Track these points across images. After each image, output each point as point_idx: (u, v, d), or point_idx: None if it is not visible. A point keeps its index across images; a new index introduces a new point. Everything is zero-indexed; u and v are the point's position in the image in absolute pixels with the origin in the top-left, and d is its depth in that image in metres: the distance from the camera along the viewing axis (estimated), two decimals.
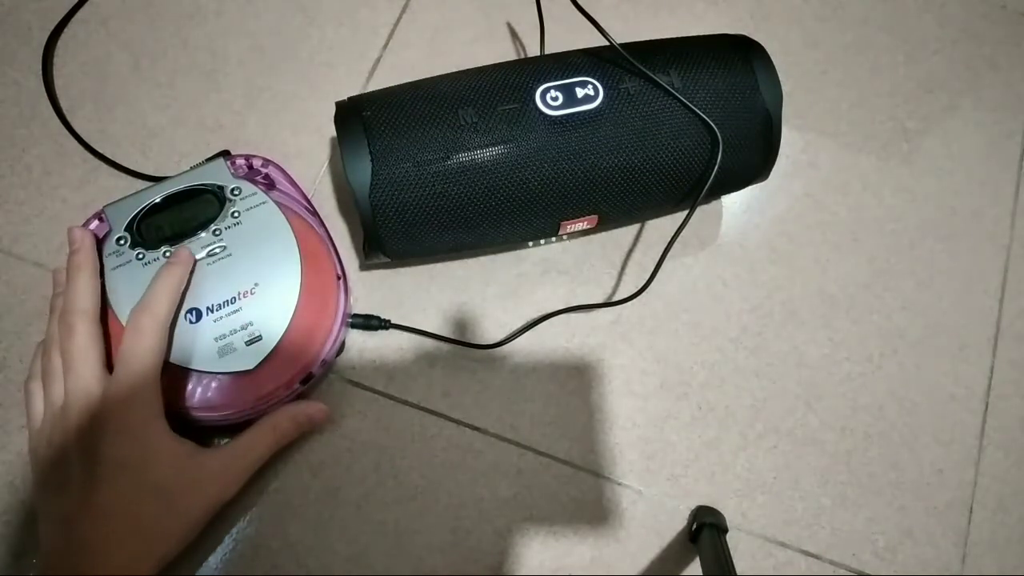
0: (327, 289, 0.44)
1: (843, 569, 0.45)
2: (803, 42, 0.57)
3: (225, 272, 0.43)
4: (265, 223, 0.44)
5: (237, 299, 0.42)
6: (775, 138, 0.44)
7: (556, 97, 0.41)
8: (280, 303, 0.42)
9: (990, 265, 0.52)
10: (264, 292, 0.42)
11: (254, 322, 0.42)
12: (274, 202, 0.44)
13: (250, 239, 0.43)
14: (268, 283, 0.43)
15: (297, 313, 0.42)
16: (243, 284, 0.42)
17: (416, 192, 0.40)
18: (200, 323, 0.41)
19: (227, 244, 0.43)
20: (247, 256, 0.43)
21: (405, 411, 0.46)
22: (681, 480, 0.46)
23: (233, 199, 0.44)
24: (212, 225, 0.43)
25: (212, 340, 0.41)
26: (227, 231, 0.43)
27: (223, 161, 0.46)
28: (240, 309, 0.42)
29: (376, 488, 0.44)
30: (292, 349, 0.42)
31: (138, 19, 0.54)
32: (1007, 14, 0.58)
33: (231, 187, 0.45)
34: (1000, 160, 0.54)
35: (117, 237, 0.43)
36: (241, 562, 0.42)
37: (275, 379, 0.42)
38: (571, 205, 0.43)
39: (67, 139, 0.50)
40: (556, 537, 0.44)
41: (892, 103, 0.56)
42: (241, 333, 0.41)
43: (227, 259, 0.43)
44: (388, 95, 0.42)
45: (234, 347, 0.41)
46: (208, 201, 0.44)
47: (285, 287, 0.43)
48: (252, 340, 0.41)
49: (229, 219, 0.44)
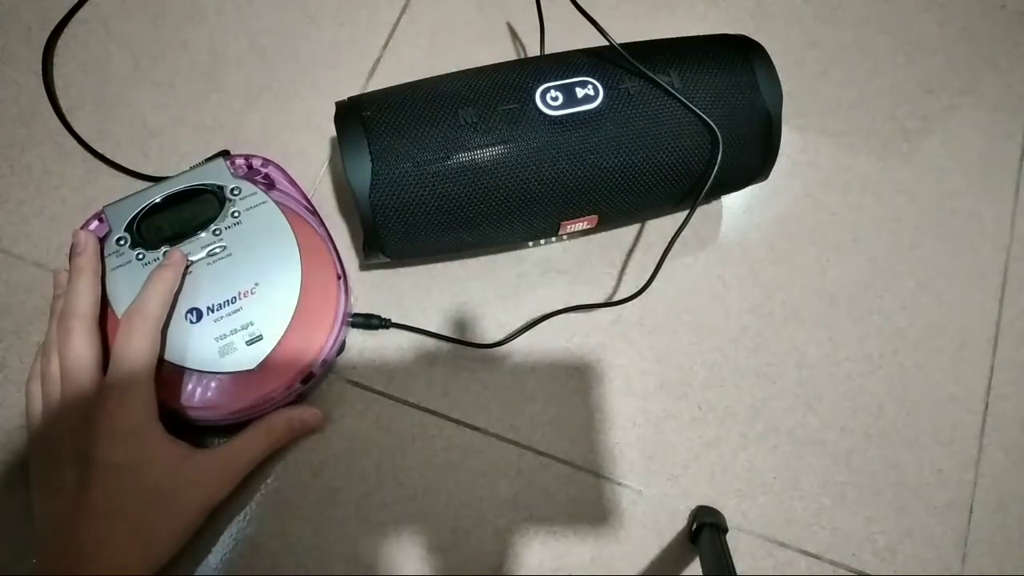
0: (327, 288, 0.44)
1: (843, 569, 0.45)
2: (803, 42, 0.57)
3: (225, 272, 0.43)
4: (265, 223, 0.44)
5: (237, 299, 0.42)
6: (775, 138, 0.44)
7: (556, 97, 0.41)
8: (281, 303, 0.42)
9: (990, 265, 0.52)
10: (264, 292, 0.42)
11: (255, 322, 0.42)
12: (274, 202, 0.44)
13: (250, 239, 0.44)
14: (268, 283, 0.43)
15: (297, 313, 0.42)
16: (243, 284, 0.43)
17: (416, 192, 0.40)
18: (200, 323, 0.42)
19: (227, 244, 0.43)
20: (247, 256, 0.43)
21: (405, 411, 0.46)
22: (681, 480, 0.46)
23: (233, 199, 0.44)
24: (212, 225, 0.44)
25: (213, 340, 0.41)
26: (227, 231, 0.44)
27: (223, 161, 0.46)
28: (241, 309, 0.42)
29: (376, 488, 0.44)
30: (293, 349, 0.42)
31: (138, 19, 0.54)
32: (1007, 14, 0.58)
33: (231, 187, 0.45)
34: (1000, 160, 0.54)
35: (117, 237, 0.43)
36: (241, 562, 0.42)
37: (276, 379, 0.42)
38: (571, 205, 0.43)
39: (67, 139, 0.50)
40: (556, 537, 0.44)
41: (892, 103, 0.56)
42: (242, 333, 0.42)
43: (227, 259, 0.43)
44: (388, 95, 0.42)
45: (235, 347, 0.41)
46: (208, 201, 0.44)
47: (285, 287, 0.43)
48: (253, 340, 0.41)
49: (229, 219, 0.44)
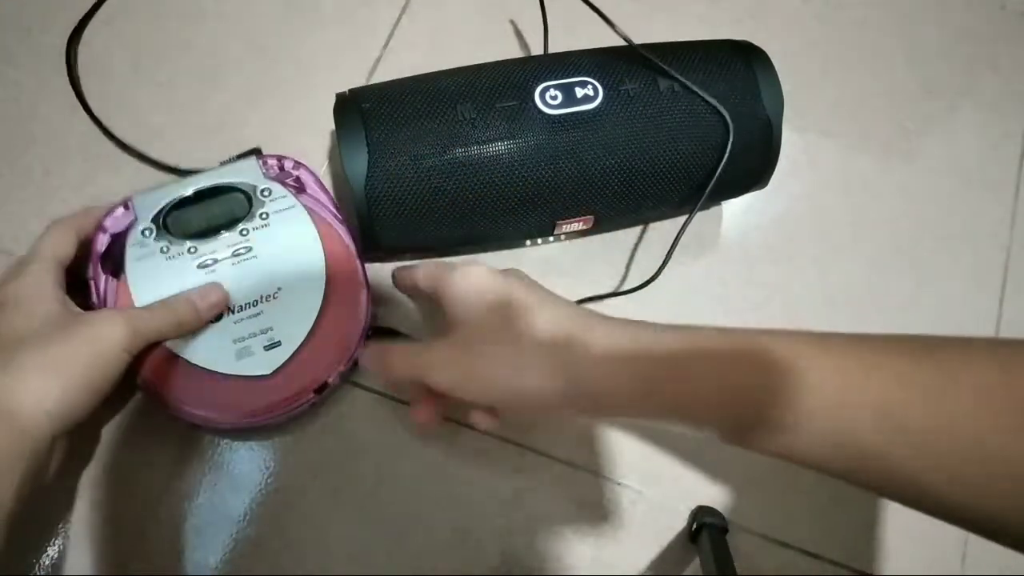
0: (351, 300, 0.43)
1: (843, 569, 0.45)
2: (803, 42, 0.57)
3: (249, 274, 0.42)
4: (293, 228, 0.43)
5: (259, 303, 0.42)
6: (775, 145, 0.44)
7: (555, 96, 0.41)
8: (302, 310, 0.42)
9: (990, 265, 0.52)
10: (287, 298, 0.42)
11: (274, 327, 0.41)
12: (303, 207, 0.44)
13: (277, 243, 0.43)
14: (292, 289, 0.42)
15: (319, 322, 0.42)
16: (266, 288, 0.42)
17: (412, 185, 0.40)
18: (220, 323, 0.41)
19: (253, 245, 0.43)
20: (272, 260, 0.42)
21: (405, 411, 0.46)
22: (681, 480, 0.46)
23: (263, 200, 0.44)
24: (240, 224, 0.43)
25: (231, 341, 0.41)
26: (254, 232, 0.43)
27: (255, 160, 0.45)
28: (261, 313, 0.41)
29: (376, 488, 0.44)
30: (310, 358, 0.41)
31: (139, 19, 0.54)
32: (1007, 14, 0.58)
33: (261, 188, 0.44)
34: (1000, 160, 0.54)
35: (143, 228, 0.42)
36: (241, 562, 0.42)
37: (290, 387, 0.41)
38: (567, 205, 0.43)
39: (67, 139, 0.50)
40: (556, 537, 0.44)
41: (892, 103, 0.56)
42: (260, 337, 0.41)
43: (252, 261, 0.42)
44: (388, 89, 0.42)
45: (252, 351, 0.41)
46: (237, 200, 0.44)
47: (308, 295, 0.42)
48: (271, 345, 0.41)
49: (257, 220, 0.43)
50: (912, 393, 0.26)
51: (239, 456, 0.44)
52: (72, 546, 0.42)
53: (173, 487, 0.43)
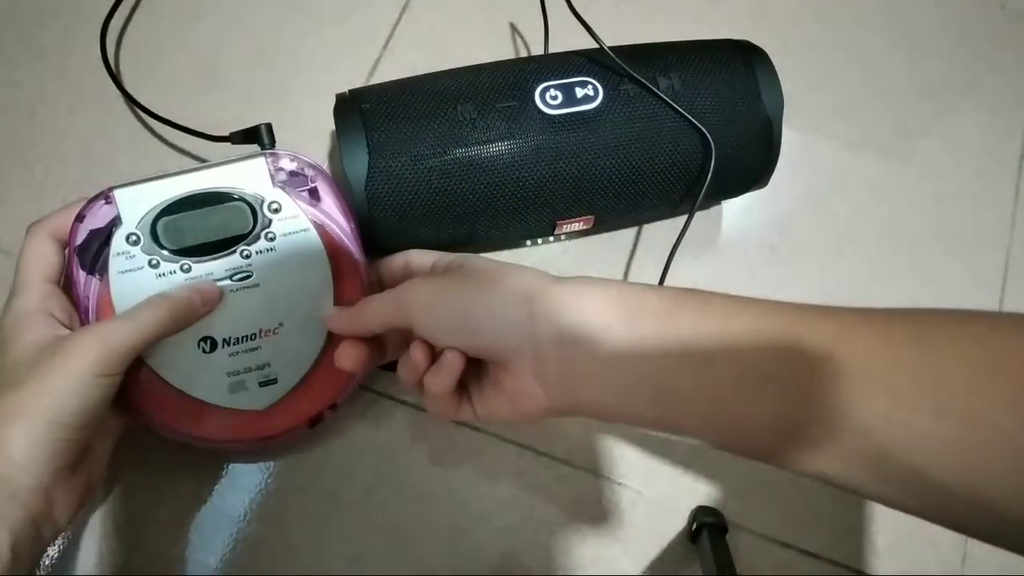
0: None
1: (843, 569, 0.45)
2: (803, 42, 0.57)
3: (249, 304, 0.38)
4: (302, 255, 0.39)
5: (257, 336, 0.39)
6: (775, 145, 0.44)
7: (555, 96, 0.41)
8: (303, 351, 0.39)
9: (990, 265, 0.52)
10: (288, 335, 0.39)
11: (272, 364, 0.39)
12: (315, 227, 0.39)
13: (282, 271, 0.39)
14: (294, 325, 0.39)
15: (320, 361, 0.39)
16: (267, 322, 0.39)
17: (412, 186, 0.40)
18: (214, 354, 0.38)
19: (255, 271, 0.38)
20: (276, 290, 0.39)
21: (405, 411, 0.46)
22: (681, 480, 0.46)
23: (269, 217, 0.38)
24: (242, 245, 0.38)
25: (224, 374, 0.38)
26: (258, 256, 0.38)
27: (264, 162, 0.39)
28: (259, 348, 0.39)
29: (376, 488, 0.44)
30: (307, 395, 0.39)
31: (138, 19, 0.54)
32: (1007, 14, 0.58)
33: (269, 200, 0.38)
34: (1000, 160, 0.54)
35: (128, 234, 0.37)
36: (241, 562, 0.42)
37: (284, 422, 0.39)
38: (567, 205, 0.43)
39: (67, 139, 0.50)
40: (556, 537, 0.44)
41: (892, 103, 0.56)
42: (256, 373, 0.39)
43: (253, 289, 0.39)
44: (387, 89, 0.42)
45: (246, 386, 0.39)
46: (240, 210, 0.38)
47: (312, 335, 0.39)
48: (266, 382, 0.39)
49: (263, 242, 0.38)
50: None
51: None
52: (72, 546, 0.42)
53: (173, 487, 0.43)
